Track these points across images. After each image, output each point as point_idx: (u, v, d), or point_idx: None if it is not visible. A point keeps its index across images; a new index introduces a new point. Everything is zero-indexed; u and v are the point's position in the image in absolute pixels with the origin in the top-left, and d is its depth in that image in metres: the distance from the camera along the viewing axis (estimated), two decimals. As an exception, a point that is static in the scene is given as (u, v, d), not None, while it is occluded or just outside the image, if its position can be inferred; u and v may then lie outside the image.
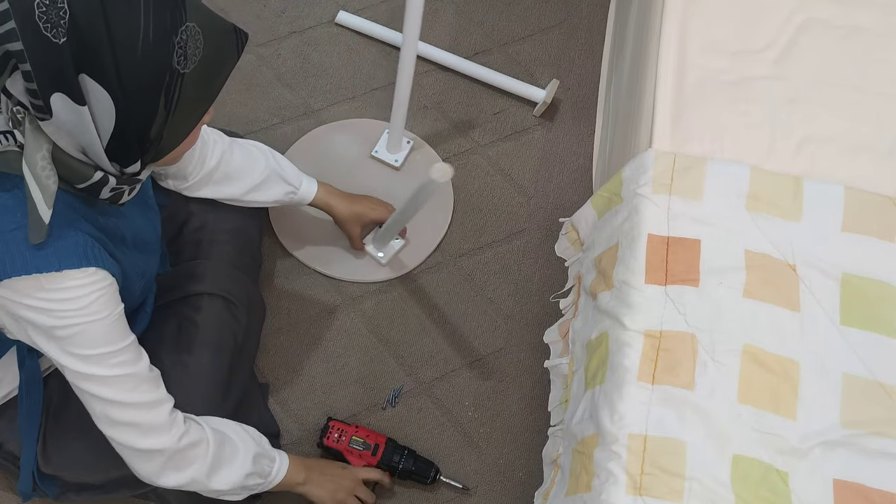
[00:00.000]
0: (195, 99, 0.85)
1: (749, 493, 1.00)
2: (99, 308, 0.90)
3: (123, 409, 0.97)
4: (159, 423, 1.00)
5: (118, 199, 0.91)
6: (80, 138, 0.82)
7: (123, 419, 0.98)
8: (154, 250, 1.14)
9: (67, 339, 0.90)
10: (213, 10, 0.88)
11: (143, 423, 0.99)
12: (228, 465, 1.10)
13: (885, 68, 1.34)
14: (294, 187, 1.40)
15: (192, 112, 0.87)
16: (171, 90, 0.81)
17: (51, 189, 0.81)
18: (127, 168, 0.87)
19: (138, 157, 0.87)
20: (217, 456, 1.07)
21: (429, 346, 1.57)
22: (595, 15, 2.00)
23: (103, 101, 0.79)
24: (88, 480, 1.20)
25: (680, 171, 1.21)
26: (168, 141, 0.87)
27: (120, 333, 0.94)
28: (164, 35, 0.78)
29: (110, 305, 0.92)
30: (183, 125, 0.87)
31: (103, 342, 0.92)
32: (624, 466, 1.01)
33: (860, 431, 1.05)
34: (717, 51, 1.34)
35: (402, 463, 1.38)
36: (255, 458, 1.13)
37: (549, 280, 1.64)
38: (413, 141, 1.75)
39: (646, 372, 1.07)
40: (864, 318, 1.13)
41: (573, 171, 1.78)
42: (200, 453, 1.05)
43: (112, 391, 0.95)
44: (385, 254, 1.61)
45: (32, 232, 0.81)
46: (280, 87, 1.83)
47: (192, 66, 0.81)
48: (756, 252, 1.16)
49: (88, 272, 0.87)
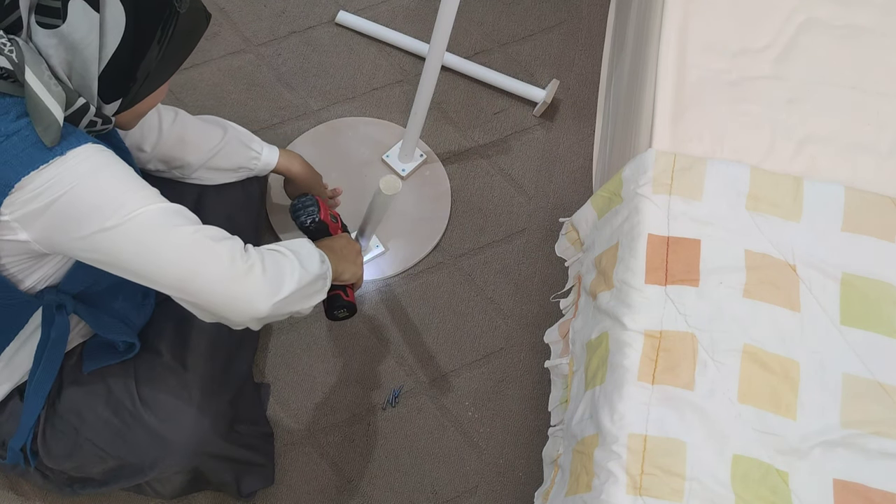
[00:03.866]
0: (178, 45, 0.93)
1: (749, 493, 1.00)
2: (111, 160, 0.90)
3: (217, 244, 0.95)
4: (247, 254, 0.98)
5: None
6: (79, 54, 0.85)
7: (217, 235, 0.96)
8: None
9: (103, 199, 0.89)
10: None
11: (213, 234, 0.97)
12: (300, 247, 1.07)
13: (885, 68, 1.34)
14: (256, 152, 1.38)
15: (173, 58, 0.94)
16: (167, 25, 0.89)
17: (61, 95, 0.85)
18: (107, 104, 0.92)
19: (121, 95, 0.91)
20: (288, 246, 1.06)
21: (429, 346, 1.57)
22: (595, 15, 2.00)
23: (116, 14, 0.85)
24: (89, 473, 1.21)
25: (680, 171, 1.21)
26: (148, 84, 0.93)
27: (141, 179, 0.93)
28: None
29: (120, 160, 0.92)
30: (163, 71, 0.94)
31: (134, 182, 0.91)
32: (624, 466, 1.01)
33: (860, 431, 1.05)
34: (717, 51, 1.34)
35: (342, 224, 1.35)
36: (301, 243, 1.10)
37: (549, 280, 1.64)
38: (427, 155, 1.74)
39: (646, 372, 1.07)
40: (864, 318, 1.13)
41: (573, 171, 1.78)
42: (278, 256, 1.03)
43: (169, 217, 0.93)
44: (365, 252, 1.61)
45: (46, 135, 0.84)
46: (280, 87, 1.83)
47: (184, 8, 0.90)
48: (756, 252, 1.16)
49: (89, 147, 0.88)
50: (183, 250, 0.94)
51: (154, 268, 0.93)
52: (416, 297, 1.61)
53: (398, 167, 1.73)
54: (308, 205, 1.29)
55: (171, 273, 0.94)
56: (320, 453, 1.45)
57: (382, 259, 1.63)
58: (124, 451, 1.16)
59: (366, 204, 1.46)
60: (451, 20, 1.32)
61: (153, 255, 0.93)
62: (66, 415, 1.15)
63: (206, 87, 1.80)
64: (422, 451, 1.47)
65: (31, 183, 0.85)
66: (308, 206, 1.28)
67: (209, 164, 1.32)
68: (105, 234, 0.89)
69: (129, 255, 0.92)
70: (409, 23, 1.93)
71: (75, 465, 1.19)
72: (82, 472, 1.21)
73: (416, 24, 1.93)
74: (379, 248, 1.62)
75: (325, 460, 1.45)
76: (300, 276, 1.02)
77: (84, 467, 1.19)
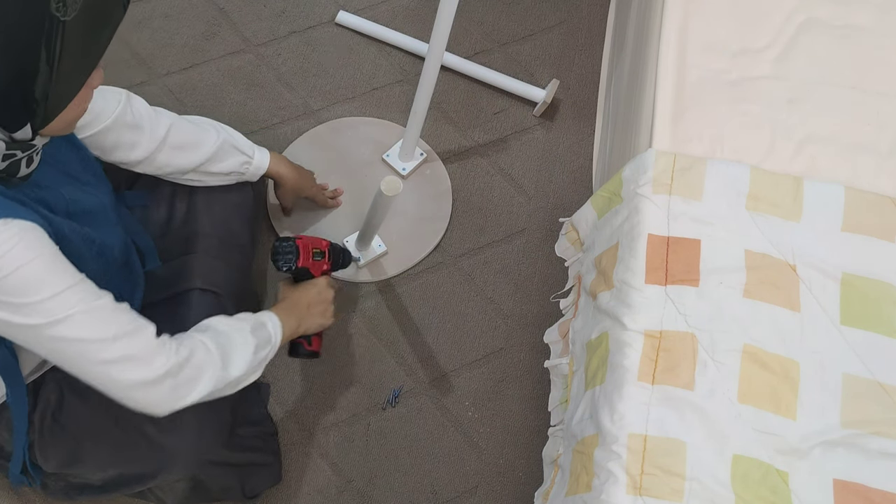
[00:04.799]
0: (79, 53, 0.81)
1: (749, 493, 1.00)
2: (24, 252, 0.83)
3: (108, 345, 0.91)
4: (151, 346, 0.94)
5: (16, 169, 0.87)
6: None
7: (113, 355, 0.91)
8: (105, 223, 1.09)
9: (9, 292, 0.84)
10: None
11: (135, 351, 0.93)
12: (235, 348, 1.06)
13: (885, 68, 1.34)
14: (248, 156, 1.38)
15: (78, 67, 0.82)
16: (52, 42, 0.76)
17: None
18: (15, 133, 0.83)
19: (26, 121, 0.82)
20: (222, 348, 1.04)
21: (429, 346, 1.57)
22: (595, 15, 2.00)
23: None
24: (88, 480, 1.20)
25: (680, 171, 1.21)
26: (55, 102, 0.82)
27: (67, 270, 0.88)
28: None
29: (37, 247, 0.85)
30: (69, 83, 0.82)
31: (49, 281, 0.86)
32: (624, 466, 1.01)
33: (860, 431, 1.05)
34: (717, 51, 1.34)
35: (342, 260, 1.36)
36: (252, 330, 1.10)
37: (549, 280, 1.64)
38: (427, 154, 1.74)
39: (646, 372, 1.07)
40: (864, 318, 1.13)
41: (573, 171, 1.78)
42: (203, 356, 1.01)
43: (86, 328, 0.89)
44: (364, 257, 1.61)
45: None
46: (280, 87, 1.83)
47: (72, 13, 0.77)
48: (756, 252, 1.16)
49: (9, 223, 0.82)
50: (93, 367, 0.92)
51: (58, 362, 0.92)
52: (416, 297, 1.61)
53: (398, 166, 1.73)
54: (286, 251, 1.28)
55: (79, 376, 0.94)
56: (320, 453, 1.45)
57: (383, 259, 1.63)
58: (124, 460, 1.15)
59: (366, 204, 1.46)
60: (450, 19, 1.32)
61: (63, 361, 0.92)
62: (65, 424, 1.14)
63: (206, 88, 1.80)
64: (422, 451, 1.47)
65: None
66: (286, 252, 1.28)
67: (200, 168, 1.32)
68: (15, 328, 0.87)
69: (35, 347, 0.90)
70: (409, 23, 1.93)
71: (74, 473, 1.18)
72: (81, 478, 1.20)
73: (416, 24, 1.93)
74: (381, 247, 1.62)
75: (325, 460, 1.45)
76: (216, 381, 1.01)
77: (83, 474, 1.19)
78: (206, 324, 1.09)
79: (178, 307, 1.24)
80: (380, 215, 1.39)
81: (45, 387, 1.15)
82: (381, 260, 1.63)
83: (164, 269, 1.28)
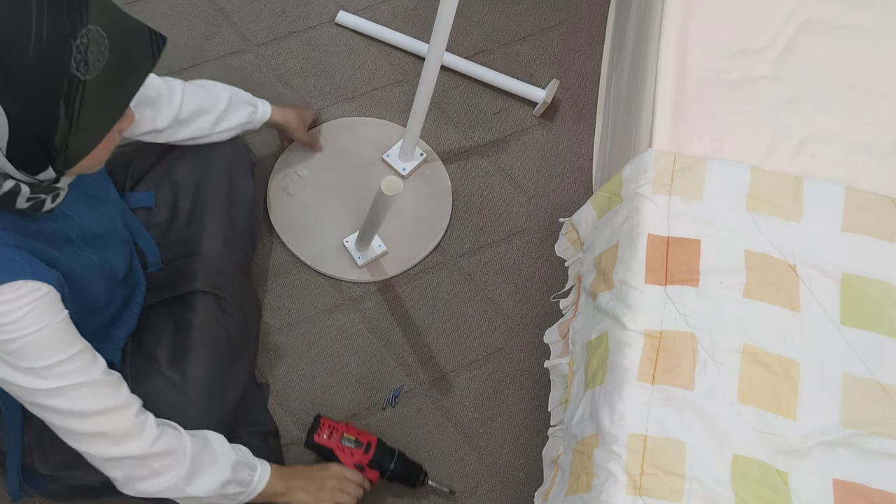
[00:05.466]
0: (102, 108, 0.79)
1: (749, 493, 1.00)
2: (34, 320, 0.85)
3: (86, 420, 0.92)
4: (127, 428, 0.96)
5: (39, 207, 0.86)
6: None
7: (88, 430, 0.93)
8: (115, 243, 1.10)
9: (8, 354, 0.85)
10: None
11: (111, 430, 0.95)
12: (207, 470, 1.05)
13: (885, 68, 1.34)
14: (253, 105, 1.44)
15: (101, 120, 0.80)
16: (71, 99, 0.75)
17: None
18: (39, 175, 0.82)
19: (46, 165, 0.80)
20: (195, 460, 1.04)
21: (429, 346, 1.57)
22: (595, 15, 2.00)
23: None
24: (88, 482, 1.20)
25: (680, 171, 1.21)
26: (76, 150, 0.81)
27: (66, 342, 0.89)
28: (60, 38, 0.72)
29: (48, 315, 0.86)
30: (92, 134, 0.81)
31: (48, 353, 0.87)
32: (624, 466, 1.01)
33: (860, 431, 1.05)
34: (717, 51, 1.34)
35: (393, 464, 1.35)
36: (234, 465, 1.10)
37: (549, 280, 1.64)
38: (427, 154, 1.74)
39: (646, 372, 1.07)
40: (864, 318, 1.13)
41: (573, 171, 1.78)
42: (177, 458, 1.01)
43: (69, 402, 0.90)
44: (364, 256, 1.61)
45: None
46: (280, 87, 1.83)
47: (94, 72, 0.75)
48: (756, 252, 1.16)
49: (15, 286, 0.82)
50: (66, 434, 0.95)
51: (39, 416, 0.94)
52: (416, 297, 1.61)
53: (398, 166, 1.72)
54: (312, 426, 1.35)
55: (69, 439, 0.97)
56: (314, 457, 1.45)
57: (383, 259, 1.63)
58: None
59: (366, 204, 1.46)
60: (450, 19, 1.32)
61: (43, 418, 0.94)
62: None
63: (206, 87, 1.80)
64: (422, 451, 1.47)
65: None
66: (312, 426, 1.35)
67: (215, 129, 1.35)
68: (14, 391, 0.90)
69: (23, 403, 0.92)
70: (409, 23, 1.93)
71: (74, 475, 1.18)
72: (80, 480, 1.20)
73: (416, 24, 1.93)
74: (381, 247, 1.62)
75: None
76: (172, 488, 1.02)
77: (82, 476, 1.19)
78: (204, 433, 1.10)
79: (181, 309, 1.24)
80: (380, 215, 1.40)
81: None
82: (380, 260, 1.63)
83: (166, 270, 1.29)
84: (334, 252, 1.63)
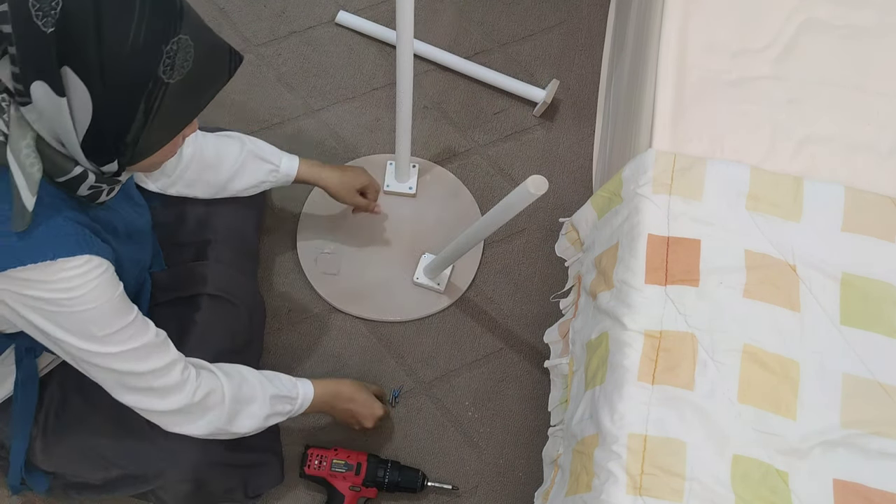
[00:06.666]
0: (177, 111, 0.85)
1: (749, 493, 1.00)
2: (99, 293, 0.90)
3: (138, 378, 0.99)
4: (174, 384, 1.02)
5: (96, 197, 0.91)
6: (58, 129, 0.81)
7: (139, 386, 1.00)
8: (146, 241, 1.15)
9: (73, 326, 0.91)
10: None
11: (159, 386, 1.01)
12: (247, 409, 1.13)
13: (885, 68, 1.33)
14: (274, 164, 1.40)
15: (173, 123, 0.86)
16: (152, 98, 0.81)
17: (35, 177, 0.81)
18: (104, 167, 0.87)
19: (114, 158, 0.86)
20: (235, 403, 1.10)
21: (429, 346, 1.57)
22: (595, 15, 2.00)
23: (82, 96, 0.78)
24: (88, 479, 1.20)
25: (680, 171, 1.21)
26: (145, 147, 0.86)
27: (124, 311, 0.95)
28: (154, 42, 0.78)
29: (110, 289, 0.92)
30: (162, 134, 0.87)
31: (109, 324, 0.93)
32: (624, 466, 1.01)
33: (860, 431, 1.05)
34: (717, 51, 1.34)
35: (387, 476, 1.36)
36: (272, 399, 1.16)
37: (549, 280, 1.64)
38: (418, 164, 1.73)
39: (646, 372, 1.07)
40: (864, 318, 1.13)
41: (573, 171, 1.78)
42: (216, 401, 1.08)
43: (124, 364, 0.97)
44: (441, 282, 1.59)
45: (15, 219, 0.81)
46: (280, 87, 1.83)
47: (178, 77, 0.81)
48: (756, 252, 1.16)
49: (82, 260, 0.87)
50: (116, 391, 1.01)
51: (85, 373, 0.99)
52: (416, 297, 1.62)
53: (403, 188, 1.70)
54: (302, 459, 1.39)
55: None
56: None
57: (452, 275, 1.61)
58: (127, 461, 1.15)
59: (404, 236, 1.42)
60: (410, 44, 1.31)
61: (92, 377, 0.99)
62: (69, 423, 1.14)
63: (206, 87, 1.80)
64: (422, 451, 1.47)
65: (11, 274, 0.84)
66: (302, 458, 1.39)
67: (227, 187, 1.35)
68: (75, 353, 0.94)
69: (73, 362, 0.97)
70: (409, 23, 1.93)
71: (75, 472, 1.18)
72: (81, 477, 1.20)
73: (417, 25, 1.92)
74: (440, 286, 1.60)
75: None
76: (214, 430, 1.09)
77: (84, 474, 1.19)
78: (241, 373, 1.15)
79: (187, 310, 1.25)
80: (500, 221, 1.30)
81: (49, 385, 1.15)
82: (451, 277, 1.62)
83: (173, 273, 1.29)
84: (411, 293, 1.60)
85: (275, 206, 1.68)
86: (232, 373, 1.13)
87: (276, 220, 1.67)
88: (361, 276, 1.59)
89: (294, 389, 1.22)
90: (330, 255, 1.61)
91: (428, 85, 1.86)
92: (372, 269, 1.60)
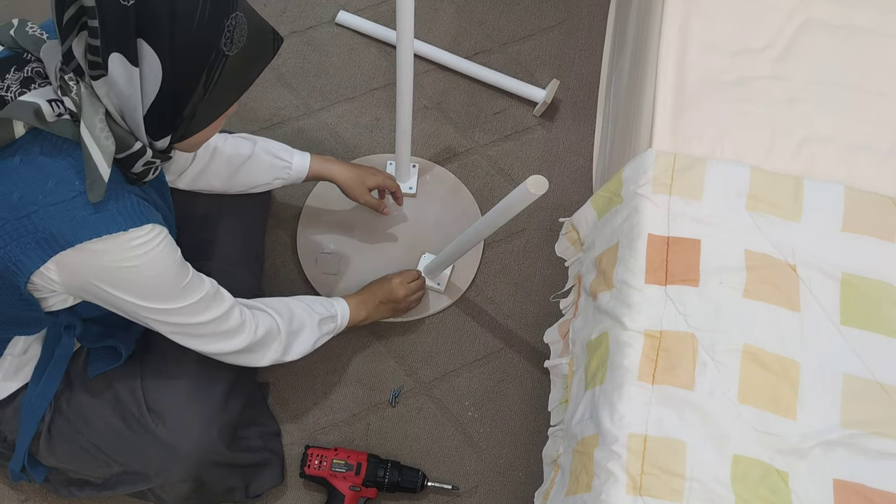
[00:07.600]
0: (230, 84, 0.91)
1: (749, 493, 1.00)
2: (164, 257, 0.97)
3: (203, 327, 1.07)
4: (236, 326, 1.12)
5: (146, 175, 0.96)
6: (125, 101, 0.86)
7: (203, 333, 1.08)
8: (172, 225, 1.18)
9: (142, 290, 0.98)
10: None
11: (223, 330, 1.10)
12: (299, 337, 1.24)
13: (885, 68, 1.33)
14: (287, 161, 1.42)
15: (225, 97, 0.92)
16: (213, 69, 0.87)
17: (109, 149, 0.86)
18: (157, 141, 0.92)
19: (169, 132, 0.92)
20: (289, 335, 1.22)
21: (429, 346, 1.57)
22: (595, 15, 2.00)
23: (153, 66, 0.84)
24: (89, 476, 1.21)
25: (680, 171, 1.21)
26: (197, 121, 0.92)
27: (184, 271, 1.02)
28: (218, 16, 0.85)
29: (173, 252, 0.99)
30: (213, 108, 0.93)
31: (175, 283, 1.00)
32: (624, 466, 1.01)
33: (860, 431, 1.05)
34: (717, 51, 1.34)
35: (387, 476, 1.36)
36: (319, 323, 1.28)
37: (549, 280, 1.64)
38: (418, 164, 1.73)
39: (646, 372, 1.07)
40: (864, 318, 1.13)
41: (573, 171, 1.78)
42: (273, 336, 1.19)
43: (188, 317, 1.05)
44: (441, 282, 1.59)
45: (92, 191, 0.86)
46: (280, 87, 1.83)
47: (235, 50, 0.88)
48: (756, 252, 1.16)
49: (148, 228, 0.93)
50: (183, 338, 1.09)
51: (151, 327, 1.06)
52: (416, 297, 1.61)
53: (404, 188, 1.69)
54: (302, 459, 1.39)
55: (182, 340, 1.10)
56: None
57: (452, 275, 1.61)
58: (129, 457, 1.15)
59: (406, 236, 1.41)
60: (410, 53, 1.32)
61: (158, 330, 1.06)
62: (72, 418, 1.15)
63: (206, 87, 1.80)
64: (422, 451, 1.47)
65: (87, 246, 0.89)
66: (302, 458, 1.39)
67: (239, 180, 1.36)
68: (143, 314, 1.01)
69: (139, 320, 1.04)
70: (409, 23, 1.93)
71: (76, 468, 1.19)
72: (82, 474, 1.21)
73: (417, 25, 1.93)
74: (440, 286, 1.60)
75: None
76: (273, 361, 1.22)
77: (85, 471, 1.19)
78: (288, 307, 1.25)
79: None
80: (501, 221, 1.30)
81: None
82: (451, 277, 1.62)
83: None
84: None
85: (275, 206, 1.68)
86: (281, 309, 1.22)
87: (277, 221, 1.67)
88: (361, 276, 1.59)
89: (332, 308, 1.33)
90: (330, 255, 1.62)
91: (428, 85, 1.86)
92: (372, 269, 1.59)
